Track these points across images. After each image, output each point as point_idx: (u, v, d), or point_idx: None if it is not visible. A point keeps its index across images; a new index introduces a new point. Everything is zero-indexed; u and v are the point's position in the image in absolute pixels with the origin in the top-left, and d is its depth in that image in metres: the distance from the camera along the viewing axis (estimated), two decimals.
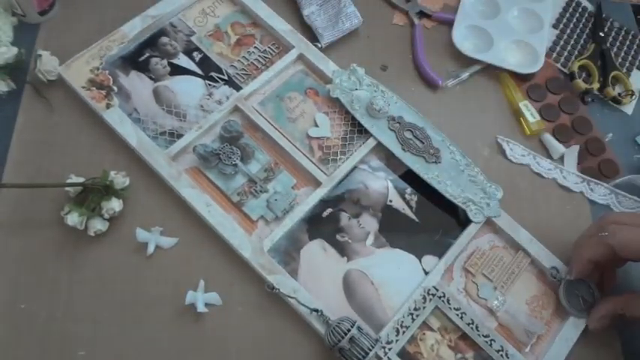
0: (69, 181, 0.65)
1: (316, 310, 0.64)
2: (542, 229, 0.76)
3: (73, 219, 0.63)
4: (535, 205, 0.79)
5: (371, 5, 0.91)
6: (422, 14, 0.92)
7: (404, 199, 0.74)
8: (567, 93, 0.90)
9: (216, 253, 0.67)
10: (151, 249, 0.65)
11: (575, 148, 0.83)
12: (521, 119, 0.85)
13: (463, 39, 0.89)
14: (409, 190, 0.75)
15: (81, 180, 0.65)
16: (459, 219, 0.74)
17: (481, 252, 0.73)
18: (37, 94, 0.72)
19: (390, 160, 0.76)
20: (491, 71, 0.89)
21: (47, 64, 0.70)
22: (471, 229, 0.73)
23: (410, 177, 0.75)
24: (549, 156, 0.84)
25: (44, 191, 0.66)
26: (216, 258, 0.67)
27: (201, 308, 0.63)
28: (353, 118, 0.76)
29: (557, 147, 0.83)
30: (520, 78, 0.89)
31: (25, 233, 0.65)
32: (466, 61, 0.88)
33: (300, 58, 0.80)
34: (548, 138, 0.84)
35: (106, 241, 0.66)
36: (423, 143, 0.76)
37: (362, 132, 0.77)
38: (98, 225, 0.64)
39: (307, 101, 0.78)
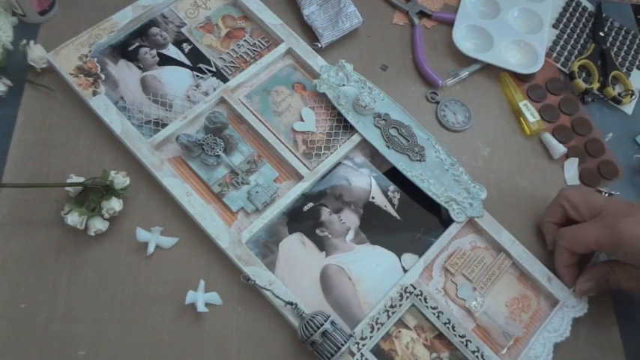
0: (69, 181, 0.65)
1: (291, 303, 0.64)
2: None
3: (73, 219, 0.63)
4: (535, 205, 0.78)
5: (371, 5, 0.90)
6: (422, 14, 0.91)
7: (386, 196, 0.74)
8: (567, 94, 0.89)
9: (217, 253, 0.67)
10: (151, 249, 0.65)
11: (575, 160, 0.82)
12: (521, 119, 0.84)
13: (463, 39, 0.88)
14: (392, 187, 0.74)
15: (81, 180, 0.65)
16: (441, 218, 0.74)
17: (462, 252, 0.72)
18: (34, 84, 0.73)
19: (374, 156, 0.76)
20: (491, 71, 0.88)
21: (35, 52, 0.72)
22: (453, 229, 0.72)
23: (394, 174, 0.75)
24: (549, 156, 0.83)
25: (44, 191, 0.66)
26: (217, 258, 0.67)
27: (201, 308, 0.62)
28: (339, 114, 0.76)
29: (557, 147, 0.82)
30: (520, 78, 0.88)
31: (25, 233, 0.65)
32: (466, 61, 0.87)
33: (289, 52, 0.80)
34: (548, 138, 0.83)
35: (106, 241, 0.66)
36: (408, 141, 0.75)
37: (347, 128, 0.76)
38: (98, 225, 0.64)
39: (294, 95, 0.78)
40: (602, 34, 0.95)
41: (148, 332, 0.63)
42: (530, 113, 0.84)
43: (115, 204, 0.65)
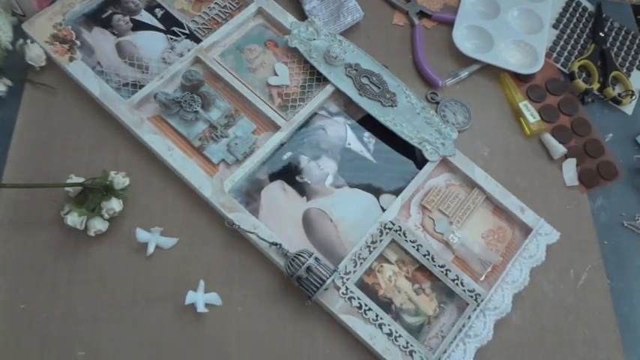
0: (69, 181, 0.65)
1: (275, 244, 0.66)
2: None
3: (73, 219, 0.63)
4: (534, 205, 0.76)
5: (371, 5, 0.89)
6: (422, 14, 0.91)
7: (362, 142, 0.77)
8: (567, 94, 0.88)
9: (216, 252, 0.68)
10: (150, 249, 0.66)
11: (573, 161, 0.82)
12: (521, 119, 0.84)
13: (463, 39, 0.88)
14: (367, 134, 0.77)
15: (81, 180, 0.65)
16: (416, 161, 0.76)
17: (437, 189, 0.75)
18: (34, 83, 0.73)
19: (348, 105, 0.79)
20: (491, 71, 0.88)
21: (33, 51, 0.72)
22: (427, 168, 0.75)
23: (368, 121, 0.77)
24: (549, 156, 0.83)
25: (44, 191, 0.66)
26: (216, 257, 0.68)
27: (201, 308, 0.63)
28: (311, 67, 0.79)
29: (557, 147, 0.82)
30: (520, 78, 0.88)
31: (25, 233, 0.65)
32: (466, 61, 0.87)
33: (260, 12, 0.83)
34: (548, 138, 0.83)
35: (106, 241, 0.66)
36: (380, 88, 0.78)
37: (320, 80, 0.79)
38: (98, 225, 0.65)
39: (267, 52, 0.80)
40: (602, 34, 0.95)
41: (148, 332, 0.63)
42: (530, 113, 0.84)
43: (114, 204, 0.65)
